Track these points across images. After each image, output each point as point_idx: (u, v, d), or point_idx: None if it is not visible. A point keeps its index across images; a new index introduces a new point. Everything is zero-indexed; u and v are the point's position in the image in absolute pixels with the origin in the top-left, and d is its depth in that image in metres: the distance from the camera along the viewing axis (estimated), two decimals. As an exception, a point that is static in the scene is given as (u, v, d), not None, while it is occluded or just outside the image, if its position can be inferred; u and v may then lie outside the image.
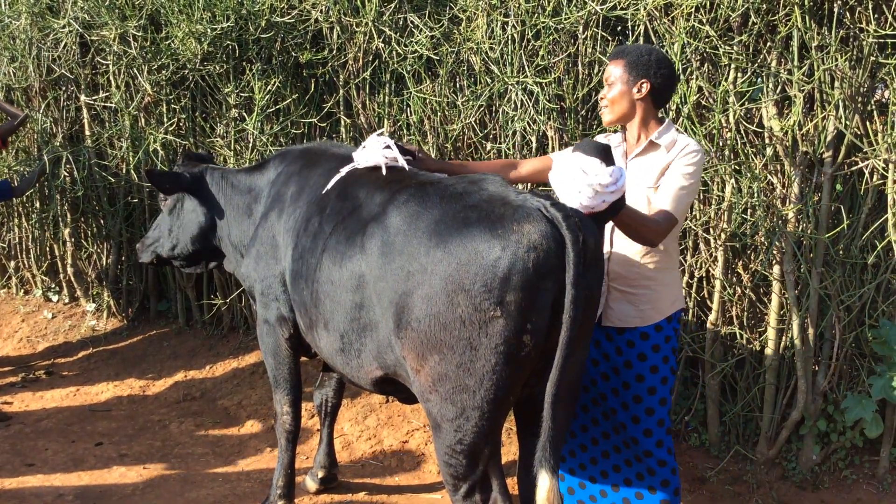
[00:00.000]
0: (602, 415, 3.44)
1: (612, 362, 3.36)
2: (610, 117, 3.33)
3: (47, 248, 7.17)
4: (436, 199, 2.92)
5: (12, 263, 7.49)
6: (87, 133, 6.40)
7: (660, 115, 3.37)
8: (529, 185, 4.35)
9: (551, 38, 4.51)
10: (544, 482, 2.65)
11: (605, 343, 3.37)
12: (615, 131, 3.67)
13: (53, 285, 7.27)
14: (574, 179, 2.75)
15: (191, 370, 6.03)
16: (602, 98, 3.34)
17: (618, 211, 2.86)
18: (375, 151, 3.36)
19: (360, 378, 3.27)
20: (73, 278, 6.96)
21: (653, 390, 3.31)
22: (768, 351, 4.38)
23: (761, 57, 4.18)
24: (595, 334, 3.32)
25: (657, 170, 3.22)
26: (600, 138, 3.53)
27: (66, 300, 7.16)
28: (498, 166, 3.58)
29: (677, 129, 3.33)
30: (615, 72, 3.28)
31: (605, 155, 2.85)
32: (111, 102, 6.04)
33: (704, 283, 4.58)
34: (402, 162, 3.31)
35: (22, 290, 7.47)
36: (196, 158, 4.55)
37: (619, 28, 4.60)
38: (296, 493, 4.15)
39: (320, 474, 4.40)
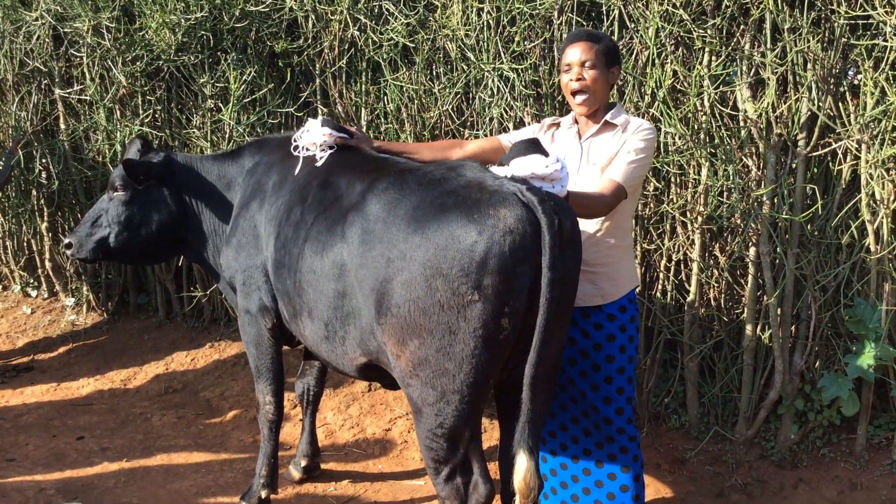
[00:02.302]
0: (571, 399, 3.48)
1: (579, 346, 3.41)
2: (589, 103, 3.29)
3: (25, 243, 7.11)
4: (414, 185, 2.95)
5: (-11, 259, 7.43)
6: (63, 126, 6.35)
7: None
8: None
9: (526, 23, 4.51)
10: (522, 463, 2.68)
11: (570, 328, 3.38)
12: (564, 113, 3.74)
13: (32, 280, 7.21)
14: (531, 181, 2.86)
15: (172, 363, 6.02)
16: (575, 80, 3.27)
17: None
18: (316, 133, 3.55)
19: (345, 365, 3.29)
20: (51, 273, 6.91)
21: (622, 370, 3.39)
22: (746, 332, 4.42)
23: (735, 40, 4.21)
24: None
25: (613, 149, 3.27)
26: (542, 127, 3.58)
27: (45, 295, 7.12)
28: (440, 147, 3.65)
29: (626, 111, 3.42)
30: (591, 55, 3.26)
31: (538, 147, 2.93)
32: (86, 95, 5.99)
33: (682, 266, 4.61)
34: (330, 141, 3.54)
35: (0, 286, 7.41)
36: (147, 146, 4.34)
37: (594, 13, 4.60)
38: (279, 481, 4.16)
39: (303, 463, 4.41)
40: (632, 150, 3.23)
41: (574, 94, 3.31)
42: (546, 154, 2.88)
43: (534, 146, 2.90)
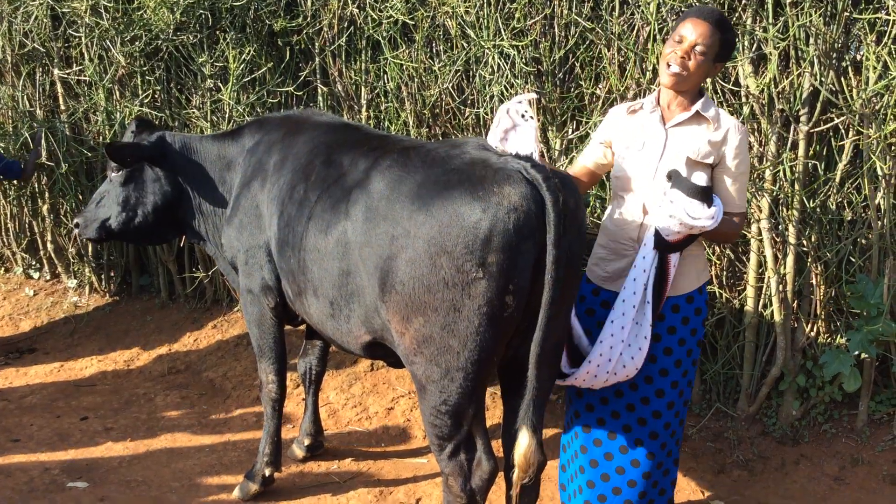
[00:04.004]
0: (630, 386, 3.30)
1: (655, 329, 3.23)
2: (678, 87, 3.05)
3: (26, 225, 7.10)
4: (418, 163, 2.94)
5: (-9, 242, 7.43)
6: (63, 108, 6.33)
7: None
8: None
9: None
10: (524, 439, 2.71)
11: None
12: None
13: (34, 262, 7.21)
14: (673, 217, 2.92)
15: (175, 343, 6.03)
16: (679, 56, 2.98)
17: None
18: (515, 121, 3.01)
19: (350, 343, 3.29)
20: (53, 255, 6.90)
21: (690, 352, 3.29)
22: (748, 309, 4.43)
23: (736, 15, 4.18)
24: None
25: (701, 141, 3.07)
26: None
27: (48, 277, 7.11)
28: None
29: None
30: (709, 41, 2.97)
31: (706, 196, 2.92)
32: (85, 76, 5.97)
33: (684, 243, 4.60)
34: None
35: (2, 269, 7.41)
36: (148, 125, 4.35)
37: (595, -12, 4.58)
38: (283, 460, 4.18)
39: (306, 442, 4.43)
40: (743, 168, 3.12)
41: (669, 66, 3.02)
42: (711, 205, 2.92)
43: (703, 194, 2.91)
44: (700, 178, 2.98)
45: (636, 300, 3.08)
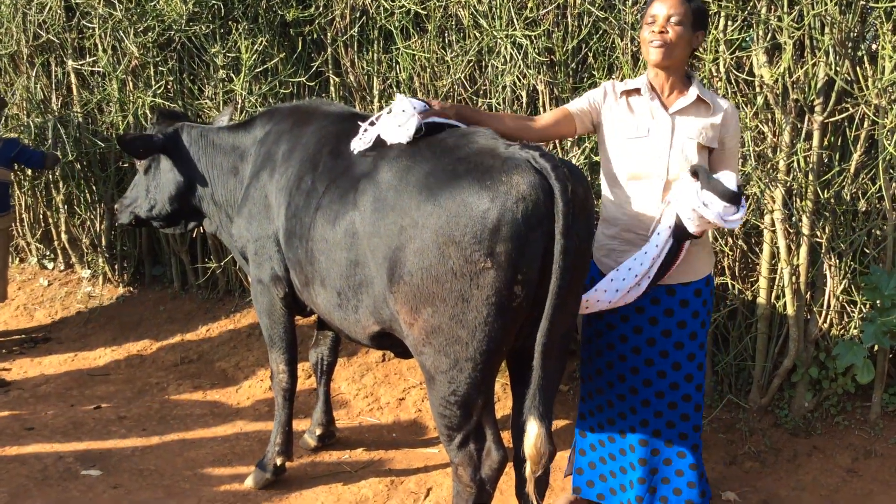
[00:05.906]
0: (644, 382, 3.35)
1: (661, 325, 3.28)
2: (667, 59, 3.08)
3: (41, 216, 7.15)
4: (426, 153, 2.93)
5: (6, 232, 7.47)
6: (76, 98, 6.36)
7: None
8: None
9: (539, -11, 4.47)
10: (533, 429, 2.70)
11: (652, 308, 3.29)
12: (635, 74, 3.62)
13: (48, 253, 7.26)
14: (704, 218, 2.95)
15: (188, 333, 6.06)
16: (657, 33, 3.04)
17: None
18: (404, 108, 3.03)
19: (358, 333, 3.29)
20: (67, 245, 6.95)
21: (702, 346, 3.33)
22: (760, 300, 4.40)
23: (751, 4, 4.15)
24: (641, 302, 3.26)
25: (706, 126, 3.14)
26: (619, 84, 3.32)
27: (62, 267, 7.17)
28: (515, 118, 3.37)
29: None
30: (680, 10, 3.04)
31: (738, 200, 2.94)
32: (98, 67, 5.99)
33: (696, 234, 4.58)
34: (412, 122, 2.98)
35: (17, 259, 7.46)
36: (170, 116, 4.45)
37: (608, -23, 4.55)
38: (294, 449, 4.20)
39: (318, 431, 4.44)
40: (736, 149, 3.24)
41: (651, 43, 3.08)
42: (739, 205, 2.94)
43: (734, 198, 2.93)
44: (730, 180, 2.97)
45: (640, 272, 3.12)
